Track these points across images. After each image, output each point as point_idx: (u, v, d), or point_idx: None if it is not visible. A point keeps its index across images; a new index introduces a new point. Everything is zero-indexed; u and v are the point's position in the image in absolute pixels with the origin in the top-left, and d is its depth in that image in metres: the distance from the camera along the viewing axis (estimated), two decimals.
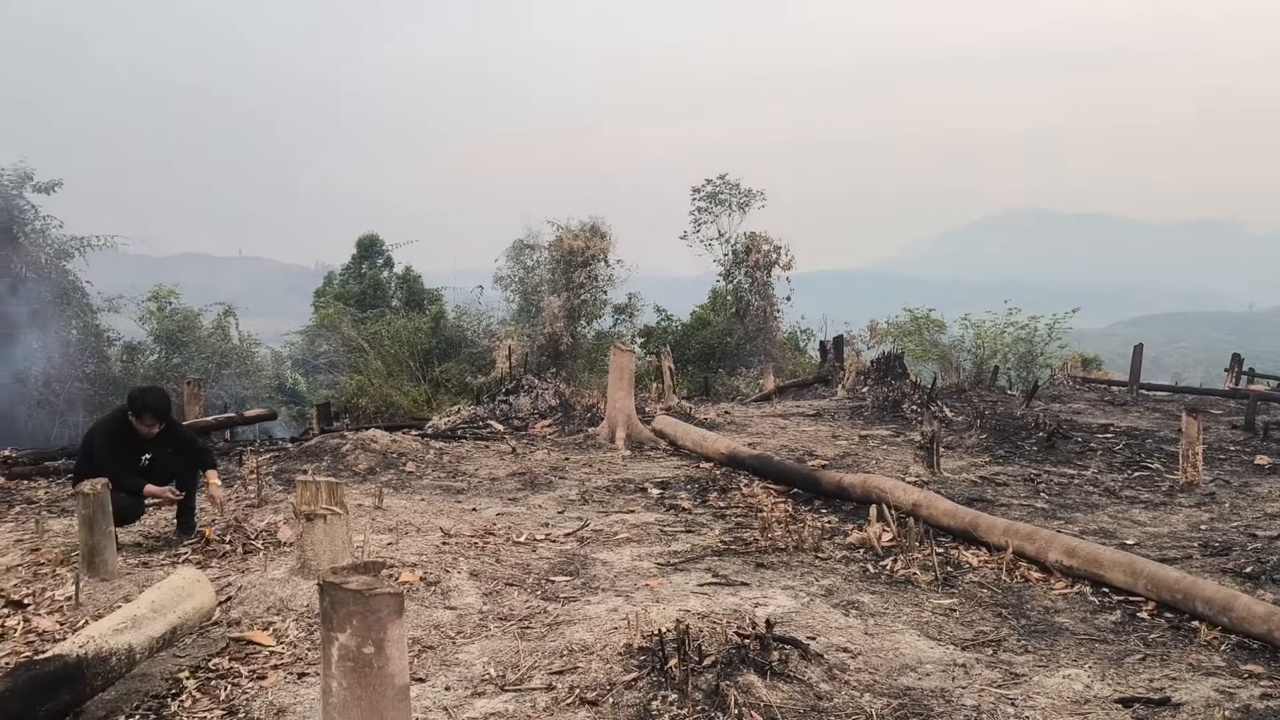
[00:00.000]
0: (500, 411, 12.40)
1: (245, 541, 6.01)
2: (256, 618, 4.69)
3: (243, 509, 7.06)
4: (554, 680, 3.90)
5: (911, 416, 11.88)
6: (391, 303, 30.15)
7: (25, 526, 6.78)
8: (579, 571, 5.47)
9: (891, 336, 22.61)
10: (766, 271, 26.76)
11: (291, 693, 3.87)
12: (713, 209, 27.43)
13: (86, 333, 23.02)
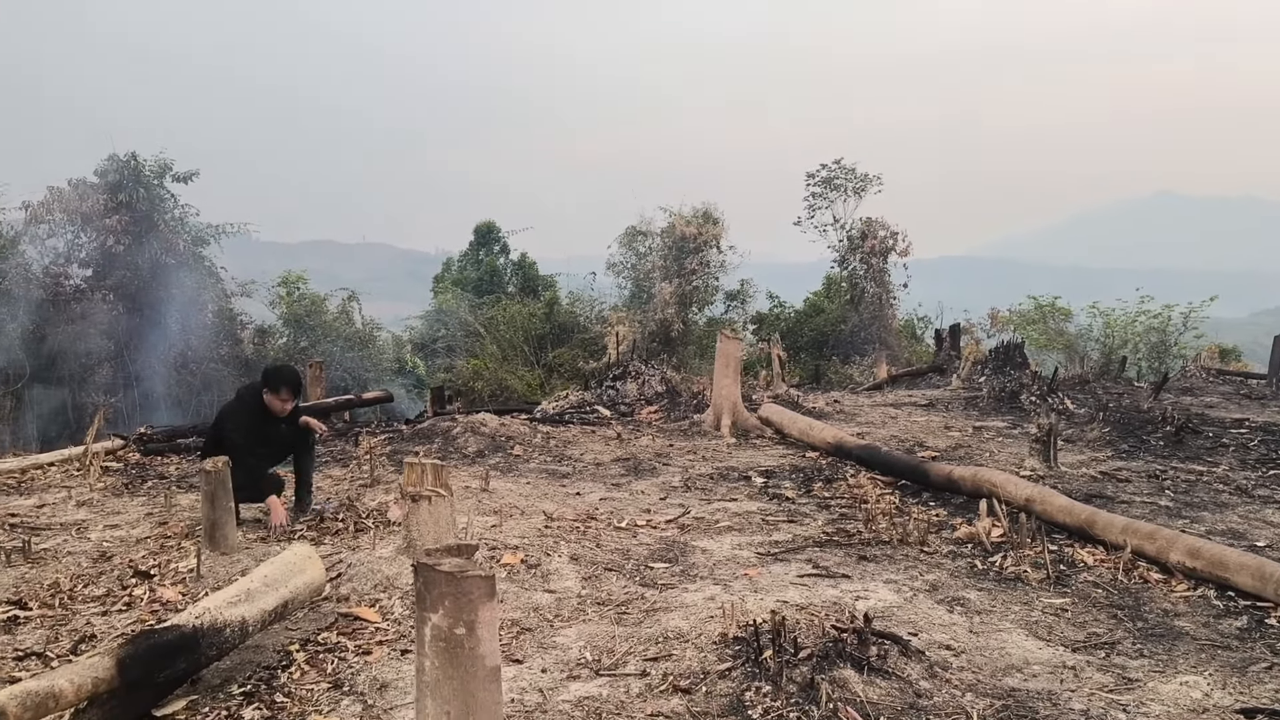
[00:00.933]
0: (607, 397, 12.48)
1: (357, 520, 6.21)
2: (364, 594, 4.84)
3: (356, 489, 7.29)
4: (648, 667, 3.91)
5: (1029, 408, 11.47)
6: (507, 288, 30.71)
7: (156, 501, 7.17)
8: (678, 559, 5.46)
9: (1013, 325, 21.88)
10: (882, 258, 26.23)
11: (394, 668, 3.98)
12: (828, 194, 27.01)
13: (221, 316, 24.12)
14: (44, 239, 22.25)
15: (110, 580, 5.21)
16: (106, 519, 6.66)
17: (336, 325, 25.90)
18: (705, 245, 26.35)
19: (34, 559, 5.59)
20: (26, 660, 4.18)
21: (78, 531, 6.29)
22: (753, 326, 27.27)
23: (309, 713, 3.61)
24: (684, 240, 26.14)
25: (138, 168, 22.50)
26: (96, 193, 21.86)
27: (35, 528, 6.37)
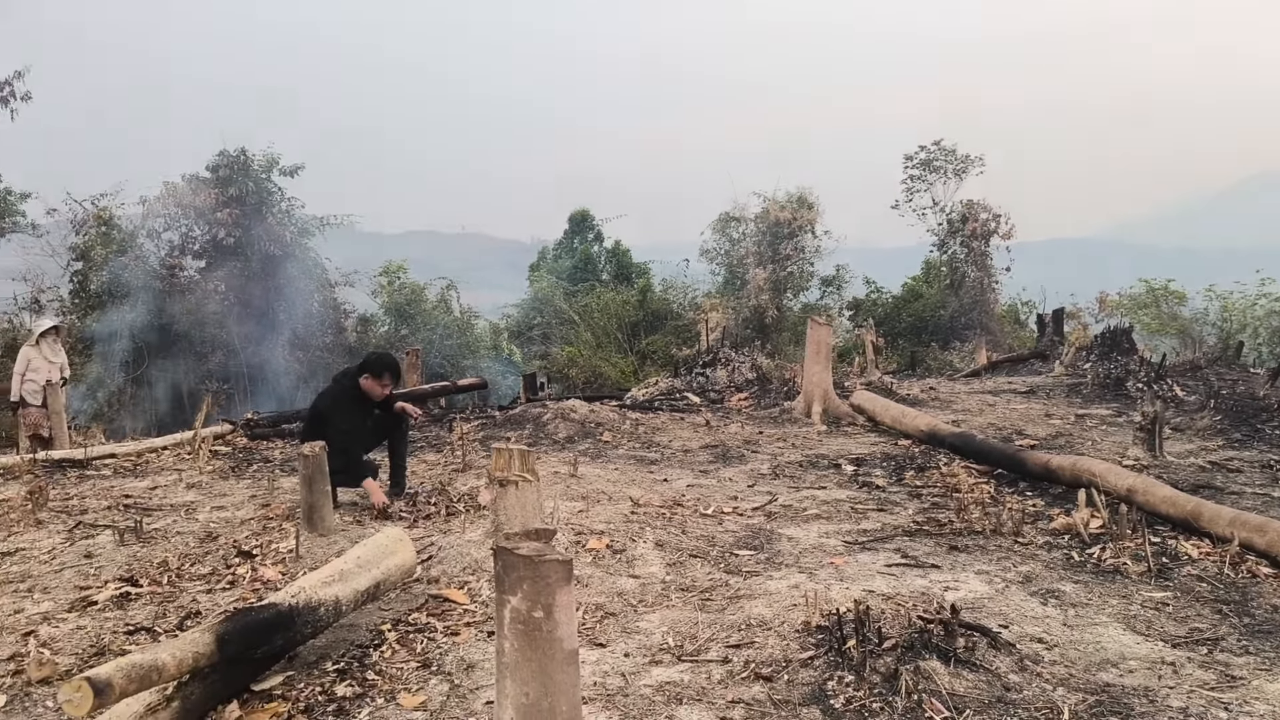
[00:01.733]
0: (697, 384, 12.48)
1: (449, 504, 6.35)
2: (454, 577, 4.94)
3: (449, 473, 7.44)
4: (730, 654, 3.90)
5: (1135, 395, 11.05)
6: (601, 276, 30.91)
7: (260, 484, 7.44)
8: (764, 546, 5.44)
9: (1123, 309, 21.10)
10: (984, 241, 25.57)
11: (481, 650, 4.05)
12: (926, 176, 26.44)
13: (326, 305, 24.85)
14: (160, 233, 23.24)
15: (215, 559, 5.43)
16: (214, 500, 6.94)
17: (435, 314, 26.44)
18: (800, 230, 26.09)
19: (146, 538, 5.86)
20: (136, 635, 4.39)
21: (186, 512, 6.58)
22: (848, 313, 26.91)
23: (399, 690, 3.71)
24: (778, 225, 25.92)
25: (247, 162, 23.31)
26: (208, 187, 22.72)
27: (147, 508, 6.68)
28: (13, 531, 6.12)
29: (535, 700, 2.78)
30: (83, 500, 6.99)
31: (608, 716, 3.39)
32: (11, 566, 5.45)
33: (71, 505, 6.81)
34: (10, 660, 4.11)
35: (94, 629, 4.45)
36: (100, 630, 4.43)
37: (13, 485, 7.48)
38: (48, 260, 21.47)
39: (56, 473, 8.03)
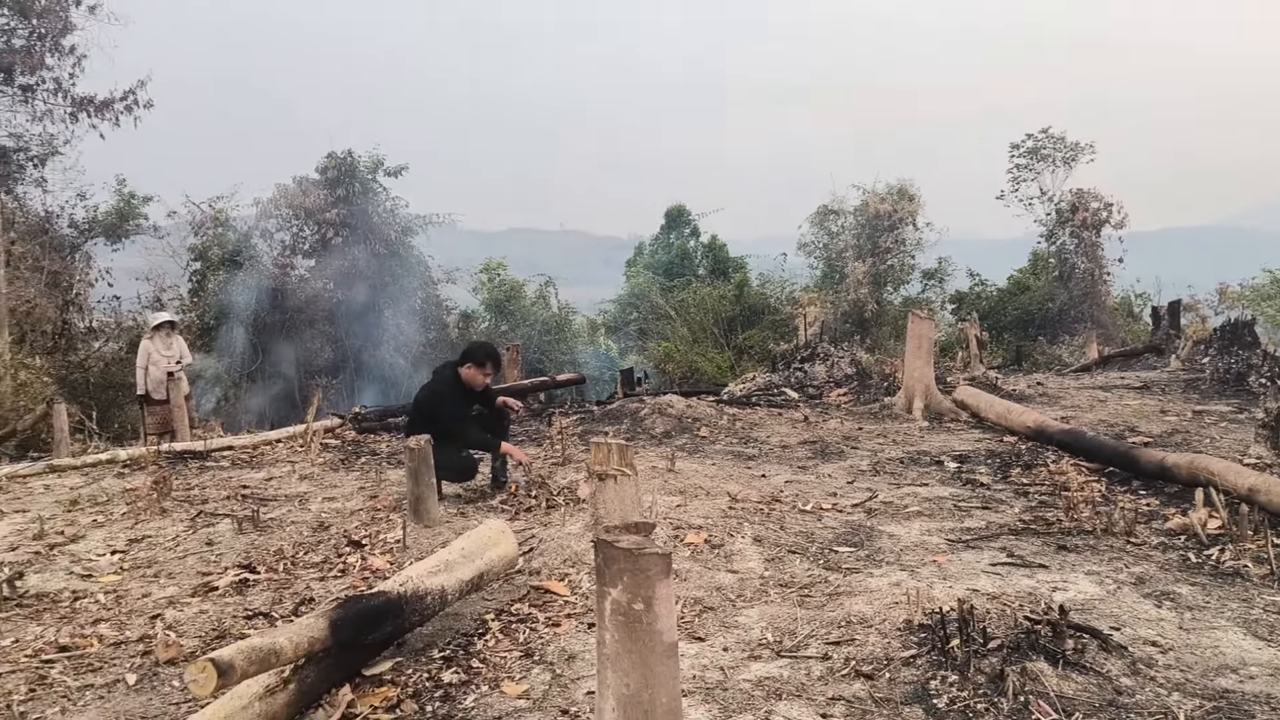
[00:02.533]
0: (795, 379, 12.38)
1: (549, 497, 6.44)
2: (554, 569, 5.02)
3: (548, 467, 7.55)
4: (830, 650, 3.88)
5: (1258, 390, 10.55)
6: (697, 271, 30.90)
7: (368, 475, 7.68)
8: (864, 543, 5.38)
9: (1245, 301, 20.17)
10: (1095, 231, 24.74)
11: (581, 641, 4.12)
12: (1034, 165, 25.71)
13: (428, 302, 25.45)
14: (272, 233, 24.12)
15: (327, 548, 5.63)
16: (325, 491, 7.19)
17: (534, 309, 26.83)
18: (901, 223, 25.66)
19: (262, 527, 6.11)
20: (254, 619, 4.59)
21: (300, 503, 6.83)
22: (951, 306, 26.34)
23: (502, 679, 3.79)
24: (878, 218, 25.54)
25: (353, 164, 24.01)
26: (317, 188, 23.49)
27: (263, 499, 6.96)
28: (140, 519, 6.46)
29: (636, 691, 2.82)
30: (203, 490, 7.32)
31: (707, 710, 3.41)
32: (140, 553, 5.75)
33: (193, 495, 7.14)
34: (140, 641, 4.34)
35: (215, 613, 4.67)
36: (221, 614, 4.64)
37: (139, 475, 7.87)
38: (168, 260, 22.51)
39: (179, 463, 8.42)
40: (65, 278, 19.18)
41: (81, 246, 20.31)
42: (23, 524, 6.55)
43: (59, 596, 4.98)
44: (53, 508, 6.98)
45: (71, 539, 6.07)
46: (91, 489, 7.58)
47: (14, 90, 17.72)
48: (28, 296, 17.43)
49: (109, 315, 20.60)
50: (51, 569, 5.48)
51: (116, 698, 3.76)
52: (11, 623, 4.62)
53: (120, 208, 20.61)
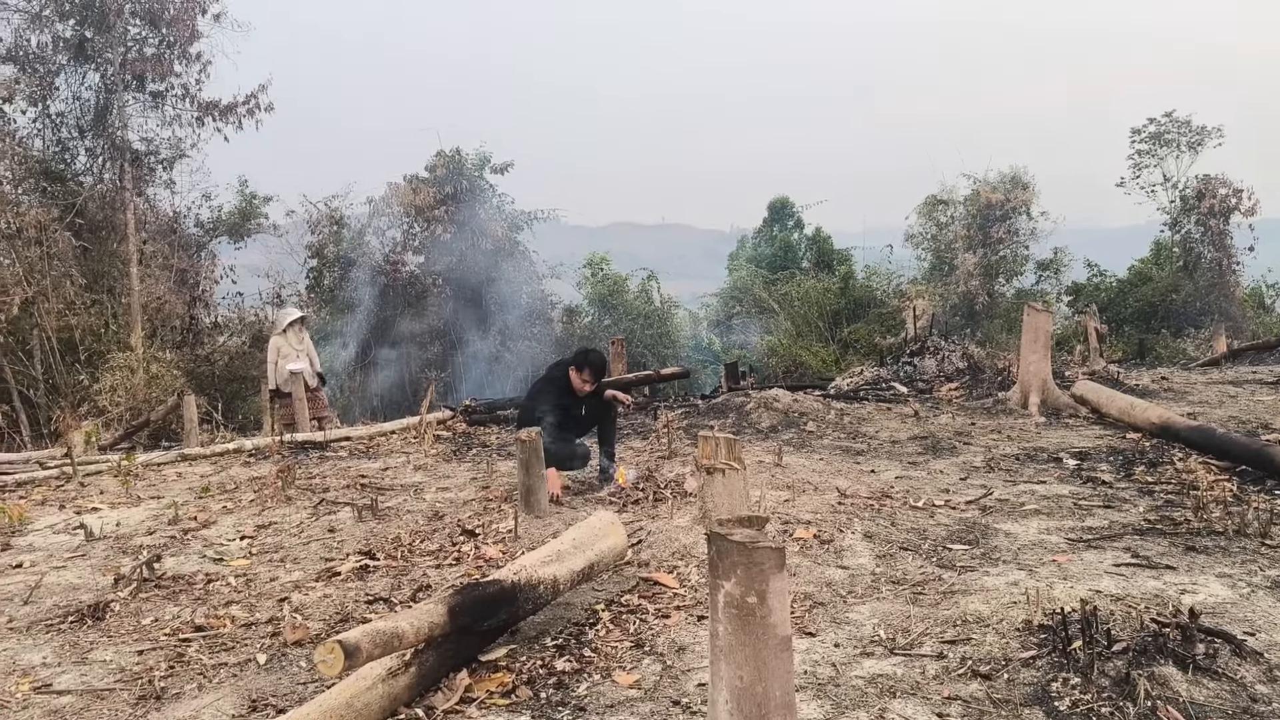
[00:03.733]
0: (904, 373, 12.16)
1: (655, 491, 6.48)
2: (663, 561, 5.06)
3: (655, 460, 7.60)
4: (945, 649, 3.81)
5: None
6: (801, 263, 30.60)
7: (479, 467, 7.85)
8: (979, 541, 5.26)
9: None
10: (1223, 219, 23.61)
11: (691, 633, 4.14)
12: (1156, 151, 24.64)
13: (534, 297, 25.83)
14: (384, 230, 24.81)
15: (442, 537, 5.78)
16: (438, 482, 7.38)
17: (637, 304, 26.96)
18: (1013, 212, 24.95)
19: (380, 516, 6.32)
20: (374, 604, 4.74)
21: (415, 493, 7.03)
22: (1067, 298, 25.47)
23: (614, 668, 3.83)
24: (990, 208, 24.88)
25: (461, 162, 24.51)
26: (427, 187, 24.06)
27: (381, 488, 7.18)
28: (266, 507, 6.74)
29: (749, 684, 2.82)
30: (324, 479, 7.59)
31: (819, 705, 3.39)
32: (267, 538, 6.01)
33: (315, 484, 7.42)
34: (269, 623, 4.54)
35: (338, 597, 4.84)
36: (344, 599, 4.81)
37: (264, 465, 8.21)
38: (287, 258, 23.40)
39: (300, 454, 8.75)
40: (192, 275, 20.10)
41: (207, 245, 21.25)
42: (158, 509, 6.91)
43: (193, 579, 5.24)
44: (185, 494, 7.35)
45: (204, 525, 6.37)
46: (220, 477, 7.95)
47: (145, 96, 18.63)
48: (158, 293, 18.32)
49: (232, 311, 21.51)
50: (186, 553, 5.77)
51: (248, 676, 3.94)
52: (151, 603, 4.88)
53: (242, 208, 21.49)
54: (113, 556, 5.79)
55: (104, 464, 8.67)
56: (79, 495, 7.68)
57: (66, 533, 6.43)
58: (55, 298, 16.18)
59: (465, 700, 3.59)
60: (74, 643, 4.40)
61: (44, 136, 18.44)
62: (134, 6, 17.81)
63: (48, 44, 17.80)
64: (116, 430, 12.44)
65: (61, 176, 18.15)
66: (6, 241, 16.02)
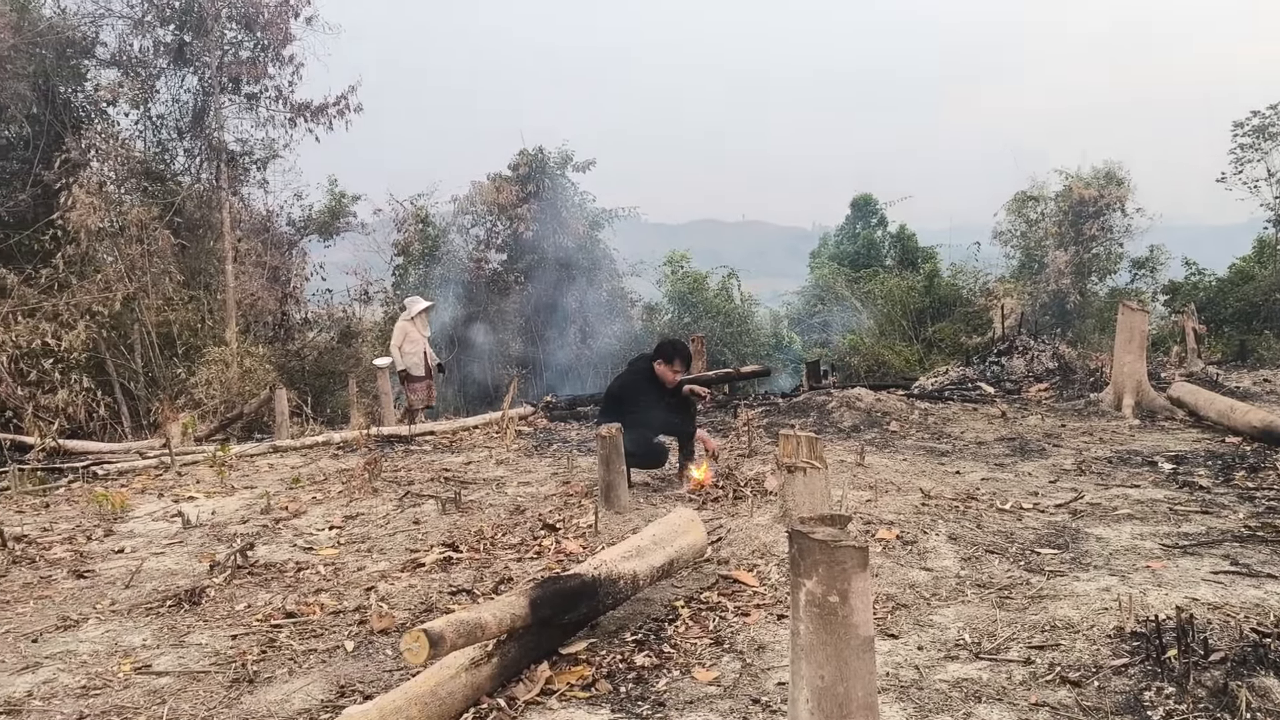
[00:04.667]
0: (991, 373, 11.90)
1: (735, 489, 6.46)
2: (742, 559, 5.04)
3: (734, 458, 7.57)
4: (1032, 654, 3.72)
5: None
6: (885, 261, 30.14)
7: (560, 462, 7.92)
8: (1068, 545, 5.13)
9: None
10: None
11: (771, 632, 4.11)
12: (1260, 145, 23.63)
13: (613, 295, 25.93)
14: (468, 228, 25.16)
15: (524, 530, 5.85)
16: (519, 476, 7.47)
17: (716, 302, 26.86)
18: (1107, 208, 24.18)
19: (464, 509, 6.42)
20: (457, 595, 4.82)
21: (497, 486, 7.13)
22: (1164, 297, 24.60)
23: (693, 665, 3.84)
24: (1082, 204, 24.16)
25: (544, 160, 24.73)
26: (510, 185, 24.32)
27: (464, 481, 7.30)
28: (354, 498, 6.91)
29: (830, 684, 2.80)
30: (409, 472, 7.75)
31: (902, 708, 3.35)
32: (354, 529, 6.16)
33: (400, 476, 7.58)
34: (356, 611, 4.65)
35: (422, 588, 4.94)
36: (428, 589, 4.90)
37: (352, 457, 8.41)
38: (374, 255, 23.89)
39: (386, 447, 8.94)
40: (284, 272, 20.64)
41: (298, 243, 21.81)
42: (251, 499, 7.13)
43: (284, 567, 5.40)
44: (276, 485, 7.56)
45: (294, 514, 6.56)
46: (310, 468, 8.17)
47: (240, 99, 19.19)
48: (252, 290, 18.88)
49: (321, 307, 22.05)
50: (277, 541, 5.94)
51: (336, 662, 4.05)
52: (244, 589, 5.04)
53: (332, 206, 22.00)
54: (208, 544, 6.00)
55: (200, 454, 8.98)
56: (176, 484, 7.97)
57: (165, 520, 6.68)
58: (155, 293, 16.78)
59: (546, 692, 3.63)
60: (172, 626, 4.58)
61: (145, 138, 19.14)
62: (230, 11, 18.34)
63: (149, 48, 18.45)
64: (212, 422, 12.86)
65: (161, 176, 18.82)
66: (110, 239, 16.67)
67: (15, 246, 16.36)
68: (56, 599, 5.08)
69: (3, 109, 16.53)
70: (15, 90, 16.17)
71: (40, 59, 16.84)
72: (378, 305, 23.39)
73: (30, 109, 16.80)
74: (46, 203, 16.15)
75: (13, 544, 6.02)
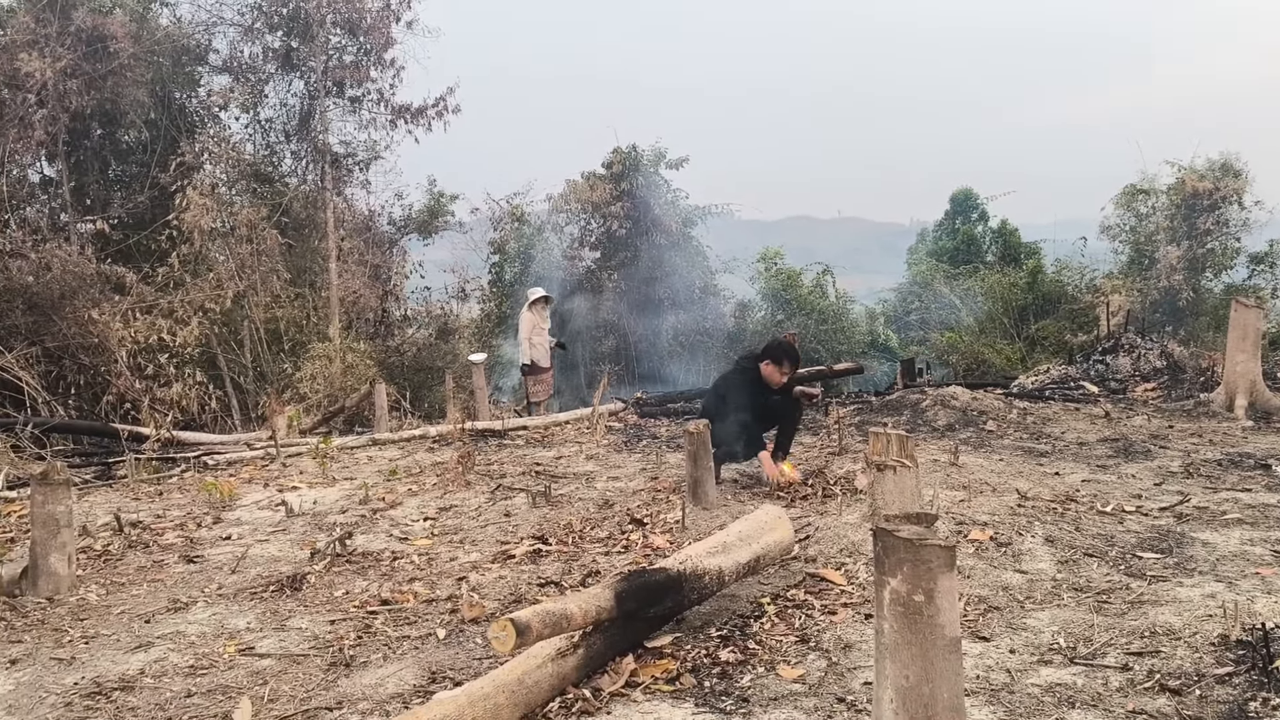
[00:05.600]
0: (1095, 372, 11.53)
1: (825, 487, 6.40)
2: (830, 558, 4.99)
3: (824, 456, 7.50)
4: (1131, 661, 3.61)
5: None
6: (985, 257, 29.41)
7: (649, 458, 7.96)
8: (1172, 550, 4.94)
9: None
10: None
11: (858, 631, 4.07)
12: None
13: (706, 292, 25.88)
14: (562, 226, 25.43)
15: (612, 525, 5.91)
16: (609, 471, 7.54)
17: (811, 299, 26.59)
18: (1223, 202, 23.14)
19: (553, 502, 6.51)
20: (545, 587, 4.90)
21: (586, 481, 7.20)
22: None
23: (778, 662, 3.83)
24: (1196, 198, 23.17)
25: (637, 158, 24.83)
26: (604, 183, 24.50)
27: (554, 475, 7.40)
28: (448, 490, 7.07)
29: (915, 684, 2.76)
30: (501, 466, 7.89)
31: (992, 711, 3.28)
32: (447, 520, 6.30)
33: (493, 470, 7.72)
34: (448, 600, 4.76)
35: (512, 579, 5.03)
36: (517, 580, 4.99)
37: (447, 450, 8.60)
38: (471, 254, 24.36)
39: (480, 441, 9.11)
40: (384, 270, 21.22)
41: (398, 242, 22.39)
42: (350, 490, 7.35)
43: (381, 556, 5.56)
44: (375, 477, 7.78)
45: (391, 505, 6.75)
46: (406, 461, 8.38)
47: (344, 102, 19.77)
48: (354, 287, 19.44)
49: (420, 305, 22.58)
50: (374, 531, 6.12)
51: (429, 649, 4.16)
52: (343, 577, 5.21)
53: (431, 206, 22.52)
54: (309, 532, 6.22)
55: (304, 446, 9.30)
56: (281, 475, 8.26)
57: (269, 509, 6.95)
58: (263, 291, 17.41)
59: (630, 684, 3.67)
60: (274, 610, 4.76)
61: (254, 141, 19.89)
62: (334, 17, 18.90)
63: (258, 54, 19.16)
64: (315, 415, 13.30)
65: (269, 178, 19.52)
66: (221, 239, 17.37)
67: (134, 246, 17.18)
68: (168, 582, 5.33)
69: (123, 114, 17.36)
70: (134, 97, 16.97)
71: (158, 66, 17.64)
72: (474, 303, 23.84)
73: (148, 114, 17.61)
74: (163, 204, 16.91)
75: (129, 529, 6.34)
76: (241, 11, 18.92)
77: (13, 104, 15.81)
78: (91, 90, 16.45)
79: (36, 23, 16.13)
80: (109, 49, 16.51)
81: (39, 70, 15.43)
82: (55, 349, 14.75)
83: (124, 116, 17.45)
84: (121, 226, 17.36)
